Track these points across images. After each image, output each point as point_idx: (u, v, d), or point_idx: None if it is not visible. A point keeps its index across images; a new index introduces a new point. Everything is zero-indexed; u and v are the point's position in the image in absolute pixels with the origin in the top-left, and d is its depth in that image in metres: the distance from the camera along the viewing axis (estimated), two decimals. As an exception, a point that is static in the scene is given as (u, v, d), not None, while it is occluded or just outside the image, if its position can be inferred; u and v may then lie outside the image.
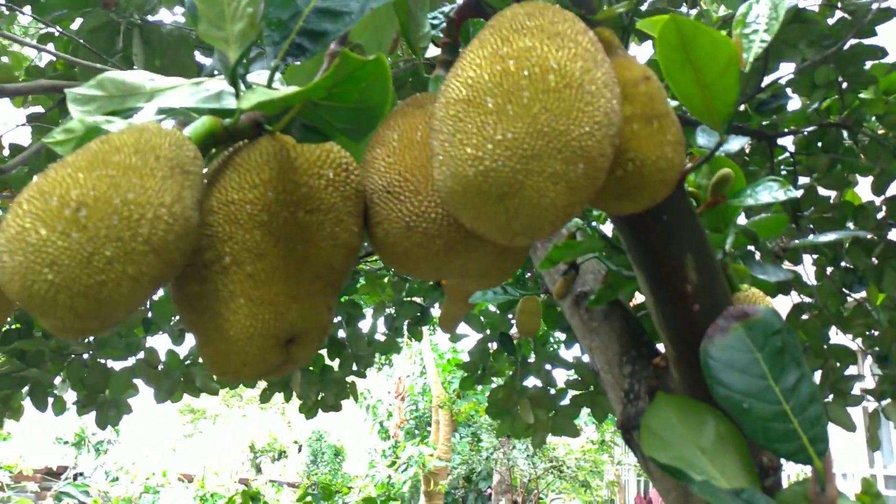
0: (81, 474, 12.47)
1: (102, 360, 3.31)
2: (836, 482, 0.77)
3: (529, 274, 2.83)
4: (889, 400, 3.10)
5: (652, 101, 0.73)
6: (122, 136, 0.57)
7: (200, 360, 3.60)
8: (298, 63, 0.71)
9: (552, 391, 3.52)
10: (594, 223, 1.19)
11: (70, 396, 3.57)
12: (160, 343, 3.50)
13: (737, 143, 0.98)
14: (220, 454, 16.40)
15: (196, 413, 25.19)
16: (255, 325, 0.65)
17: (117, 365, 3.36)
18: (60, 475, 13.99)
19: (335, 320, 3.75)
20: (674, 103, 1.17)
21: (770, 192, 1.07)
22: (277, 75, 0.78)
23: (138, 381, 3.47)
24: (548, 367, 3.56)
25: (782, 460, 1.01)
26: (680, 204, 0.96)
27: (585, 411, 3.53)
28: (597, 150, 0.59)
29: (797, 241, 1.38)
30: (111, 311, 0.53)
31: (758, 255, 1.75)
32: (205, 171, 0.72)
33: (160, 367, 3.35)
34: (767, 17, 0.96)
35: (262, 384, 3.64)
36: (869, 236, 2.16)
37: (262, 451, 16.04)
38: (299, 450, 17.63)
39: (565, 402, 3.53)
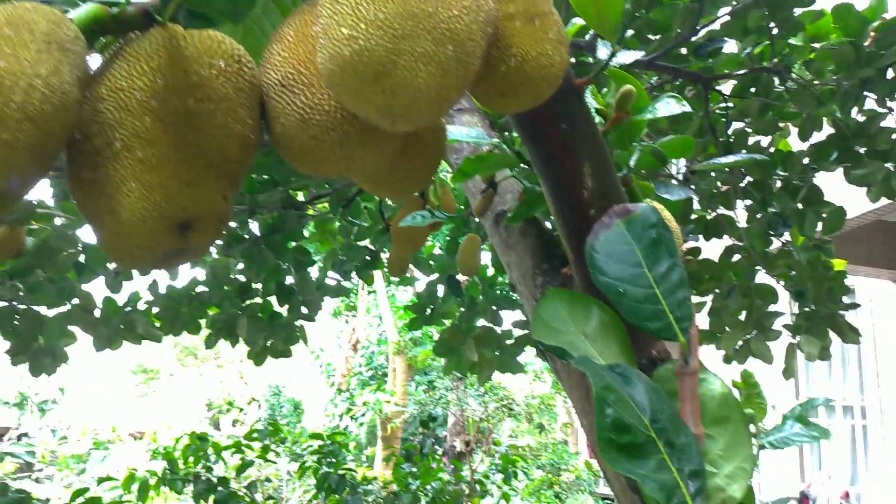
0: (26, 434, 12.28)
1: (34, 307, 3.24)
2: (698, 356, 0.85)
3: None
4: (804, 334, 3.30)
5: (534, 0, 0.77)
6: (-6, 9, 0.58)
7: (140, 307, 3.59)
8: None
9: (498, 331, 3.62)
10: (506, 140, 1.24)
11: (2, 346, 3.48)
12: (97, 291, 3.43)
13: (630, 56, 1.03)
14: (175, 413, 16.33)
15: (149, 373, 24.92)
16: (146, 207, 0.68)
17: (51, 313, 3.30)
18: (2, 436, 13.72)
19: (283, 266, 3.75)
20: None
21: (667, 108, 1.12)
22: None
23: (78, 333, 3.42)
24: (495, 308, 3.66)
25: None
26: (579, 113, 1.01)
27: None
28: (465, 33, 0.63)
29: (703, 163, 1.45)
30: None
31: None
32: (95, 60, 0.73)
33: (97, 313, 3.30)
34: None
35: (206, 330, 3.63)
36: (760, 157, 2.28)
37: (220, 410, 16.04)
38: (259, 407, 17.66)
39: (511, 341, 3.64)
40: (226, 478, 2.51)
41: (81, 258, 3.12)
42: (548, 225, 1.46)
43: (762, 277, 3.51)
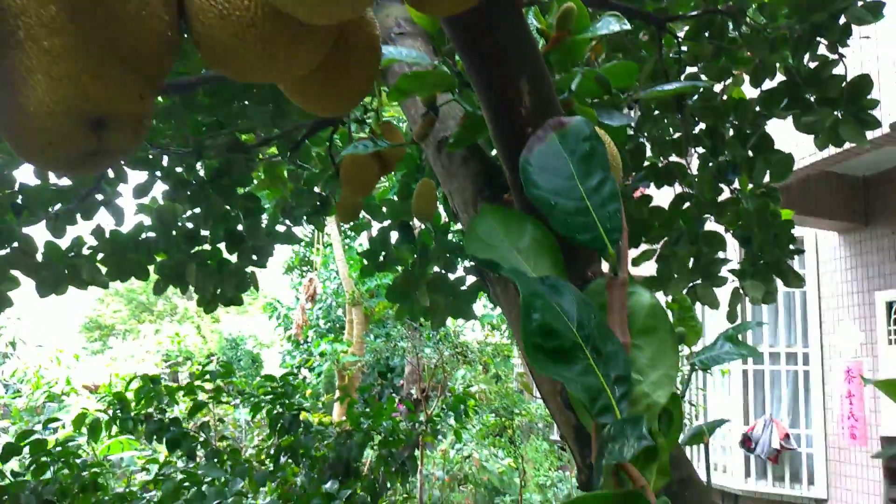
0: (-24, 390, 11.96)
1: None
2: (627, 267, 0.86)
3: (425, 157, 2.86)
4: (749, 279, 3.40)
5: None
6: None
7: (85, 252, 3.49)
8: None
9: (452, 277, 3.64)
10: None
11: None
12: (38, 236, 3.30)
13: (570, -31, 1.01)
14: (132, 367, 16.11)
15: (104, 329, 24.47)
16: (54, 100, 0.64)
17: (-10, 257, 3.19)
18: (-48, 392, 13.28)
19: (232, 213, 3.68)
20: None
21: (608, 26, 1.11)
22: None
23: (23, 280, 3.31)
24: (448, 255, 3.66)
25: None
26: (516, 27, 0.99)
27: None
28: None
29: (646, 91, 1.45)
30: None
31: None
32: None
33: (39, 258, 3.20)
34: None
35: (154, 277, 3.56)
36: (701, 84, 2.31)
37: (177, 363, 15.87)
38: (217, 360, 17.48)
39: (464, 287, 3.66)
40: (178, 418, 2.50)
41: (19, 200, 3.01)
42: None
43: (711, 226, 3.59)
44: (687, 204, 3.59)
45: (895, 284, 6.86)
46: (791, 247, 3.62)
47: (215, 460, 2.34)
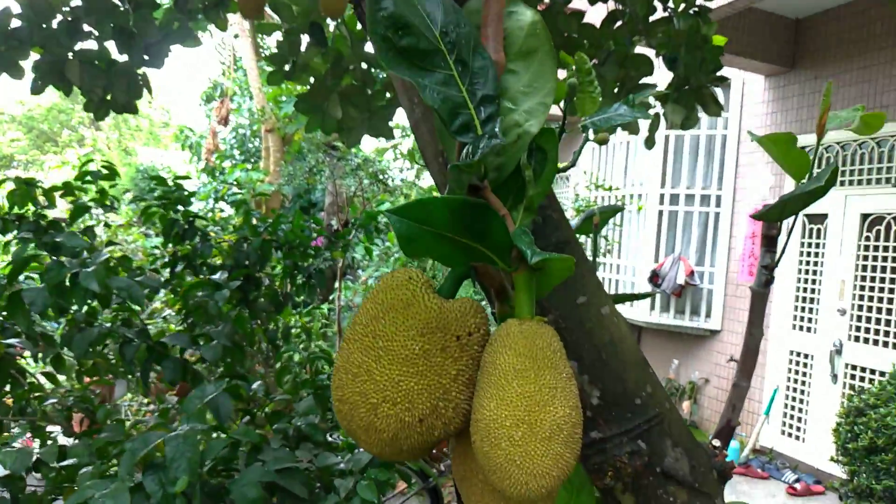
0: None
1: None
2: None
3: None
4: (671, 103, 3.34)
5: None
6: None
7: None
8: None
9: (369, 91, 3.41)
10: None
11: None
12: None
13: None
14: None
15: (2, 160, 22.77)
16: None
17: None
18: None
19: (121, 7, 3.24)
20: None
21: None
22: None
23: None
24: (364, 65, 3.41)
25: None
26: None
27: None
28: None
29: None
30: None
31: None
32: None
33: None
34: None
35: (30, 74, 3.16)
36: None
37: (86, 192, 15.07)
38: (128, 192, 16.79)
39: (383, 103, 3.46)
40: (57, 221, 2.31)
41: None
42: None
43: (640, 51, 3.45)
44: (619, 23, 3.41)
45: (811, 129, 7.05)
46: (717, 74, 3.54)
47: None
